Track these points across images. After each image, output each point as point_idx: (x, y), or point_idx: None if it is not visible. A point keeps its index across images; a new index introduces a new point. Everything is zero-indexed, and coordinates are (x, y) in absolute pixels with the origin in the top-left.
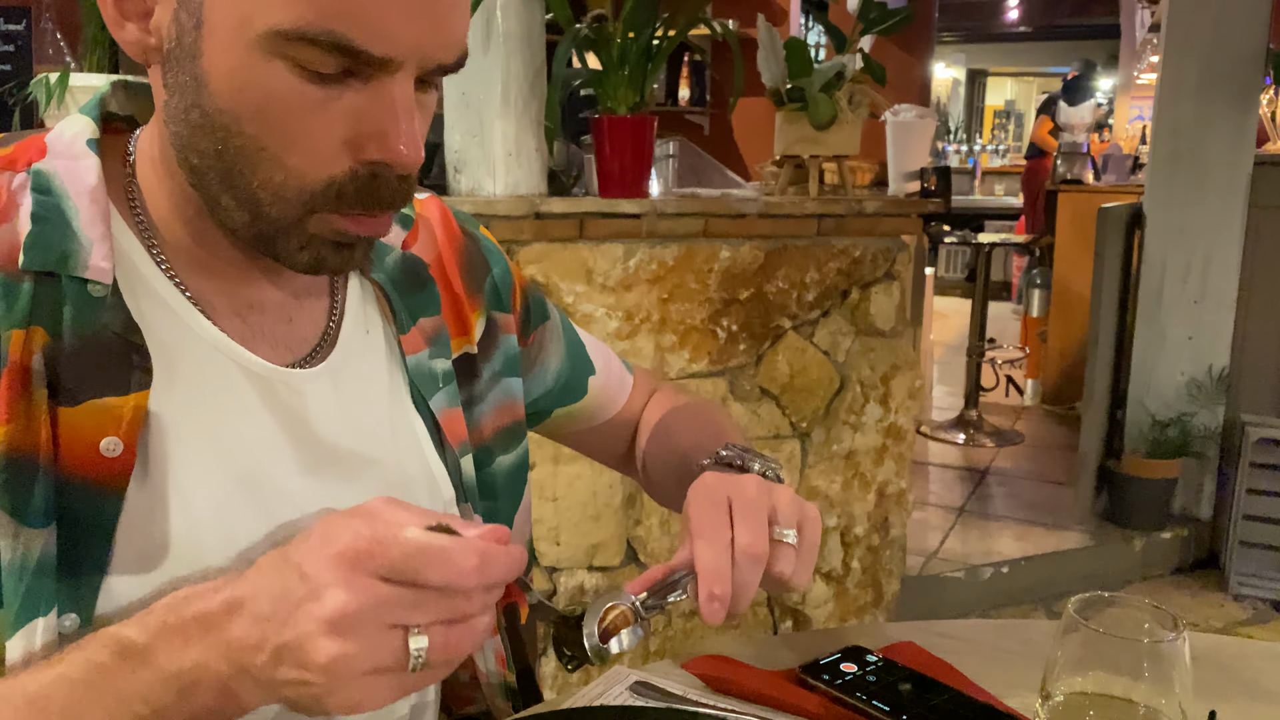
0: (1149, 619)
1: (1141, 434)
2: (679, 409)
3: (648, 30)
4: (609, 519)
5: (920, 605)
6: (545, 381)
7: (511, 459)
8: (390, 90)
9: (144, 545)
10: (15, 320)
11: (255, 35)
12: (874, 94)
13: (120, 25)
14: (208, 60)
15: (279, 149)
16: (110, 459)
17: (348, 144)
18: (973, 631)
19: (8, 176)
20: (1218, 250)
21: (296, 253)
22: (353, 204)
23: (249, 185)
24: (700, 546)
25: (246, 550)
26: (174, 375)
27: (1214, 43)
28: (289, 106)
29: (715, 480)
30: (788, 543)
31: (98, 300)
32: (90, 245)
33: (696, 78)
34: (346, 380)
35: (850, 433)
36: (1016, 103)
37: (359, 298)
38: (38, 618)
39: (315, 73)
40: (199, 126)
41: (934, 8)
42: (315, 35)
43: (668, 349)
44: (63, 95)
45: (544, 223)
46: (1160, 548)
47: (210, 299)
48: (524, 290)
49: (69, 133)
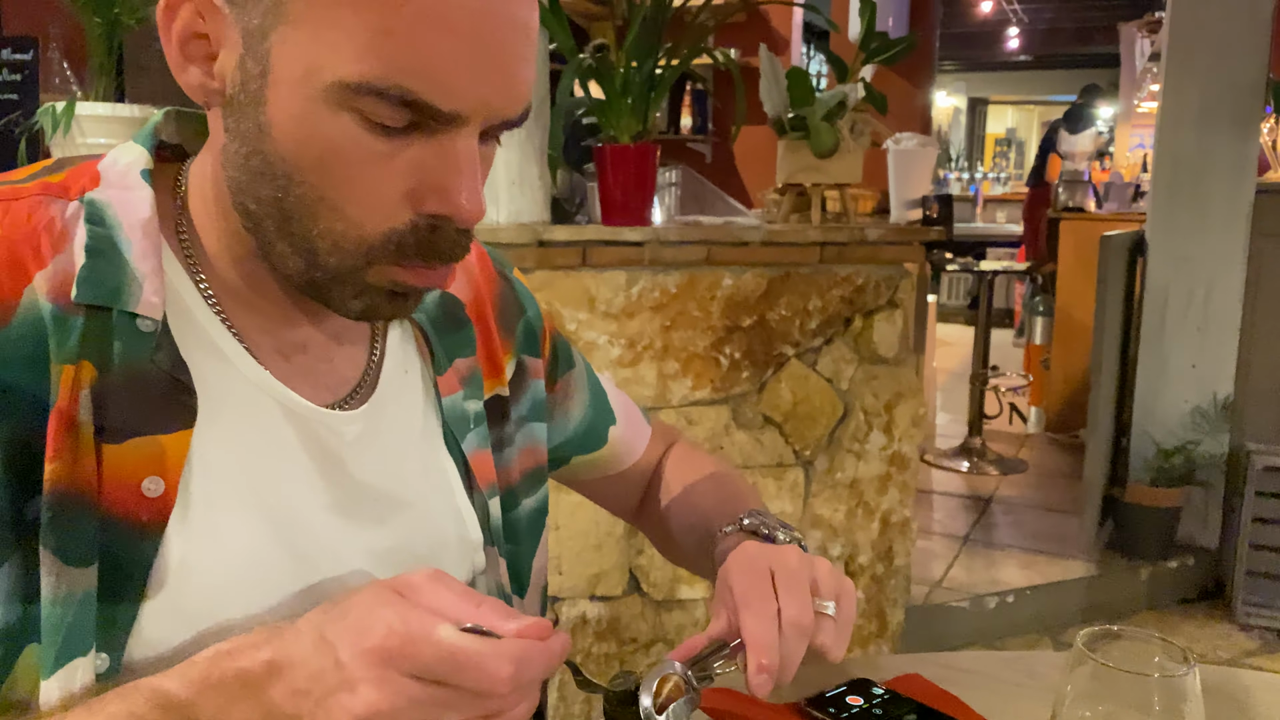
0: (1158, 652)
1: (1146, 462)
2: (698, 469)
3: (650, 60)
4: (611, 548)
5: (925, 635)
6: (567, 429)
7: (534, 502)
8: (455, 144)
9: (176, 584)
10: (67, 356)
11: (322, 86)
12: (876, 123)
13: (183, 68)
14: (272, 108)
15: (340, 199)
16: (151, 498)
17: (409, 196)
18: (979, 663)
19: (61, 205)
20: (1220, 278)
21: (350, 300)
22: (411, 256)
23: (308, 234)
24: (748, 618)
25: (276, 590)
26: (216, 413)
27: (1214, 72)
28: (352, 158)
29: (757, 550)
30: (828, 614)
31: (146, 336)
32: (142, 280)
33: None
34: (385, 422)
35: (854, 461)
36: (1017, 131)
37: (399, 337)
38: (78, 657)
39: (381, 125)
40: (259, 173)
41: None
42: (384, 89)
43: (670, 376)
44: (69, 124)
45: (547, 250)
46: (1166, 577)
47: (255, 337)
48: (552, 337)
49: (123, 161)
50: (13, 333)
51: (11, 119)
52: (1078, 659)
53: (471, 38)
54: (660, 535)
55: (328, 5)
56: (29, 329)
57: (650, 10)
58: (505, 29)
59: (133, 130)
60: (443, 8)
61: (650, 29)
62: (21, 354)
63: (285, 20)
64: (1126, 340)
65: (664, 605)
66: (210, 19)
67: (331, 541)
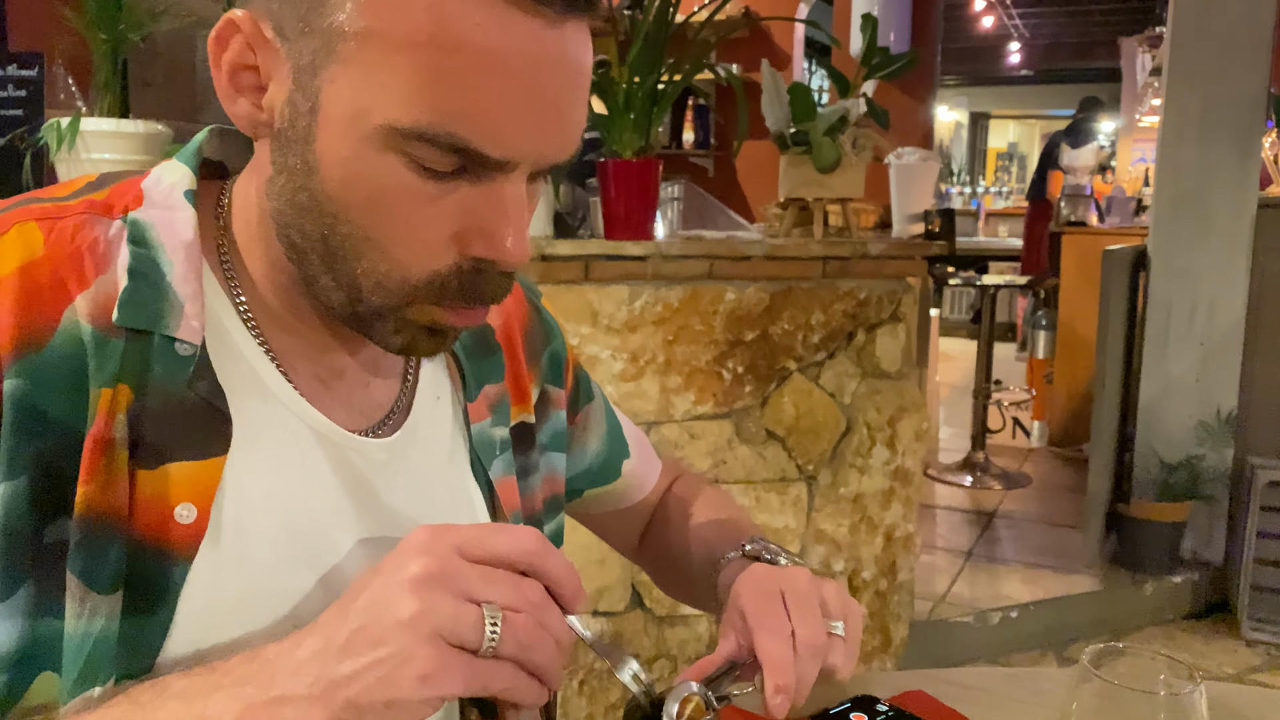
0: (1164, 670)
1: (1150, 477)
2: (700, 500)
3: (653, 75)
4: (614, 563)
5: (929, 651)
6: (584, 461)
7: (552, 528)
8: (503, 189)
9: (204, 610)
10: (105, 379)
11: (372, 128)
12: (878, 137)
13: (233, 99)
14: (321, 146)
15: (386, 240)
16: (184, 525)
17: (455, 238)
18: (983, 680)
19: (105, 224)
20: (1223, 293)
21: (391, 336)
22: (454, 297)
23: (351, 271)
24: (763, 639)
25: (304, 618)
26: (250, 438)
27: (1215, 86)
28: (400, 200)
29: (765, 572)
30: (838, 635)
31: (185, 360)
32: (182, 304)
33: (701, 121)
34: (415, 448)
35: (857, 475)
36: (1019, 145)
37: (432, 364)
38: (95, 687)
39: (429, 169)
40: (306, 209)
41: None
42: (434, 135)
43: (673, 391)
44: (73, 140)
45: (550, 265)
46: (1171, 592)
47: (292, 361)
48: (575, 369)
49: (166, 181)
50: (51, 354)
51: (17, 134)
52: (1083, 676)
53: (526, 85)
54: (661, 566)
55: (381, 48)
56: (68, 351)
57: (652, 27)
58: (561, 76)
59: (137, 145)
60: (498, 55)
61: (652, 45)
62: (59, 376)
63: (337, 59)
64: (1129, 354)
65: (666, 621)
66: (261, 52)
67: (357, 566)
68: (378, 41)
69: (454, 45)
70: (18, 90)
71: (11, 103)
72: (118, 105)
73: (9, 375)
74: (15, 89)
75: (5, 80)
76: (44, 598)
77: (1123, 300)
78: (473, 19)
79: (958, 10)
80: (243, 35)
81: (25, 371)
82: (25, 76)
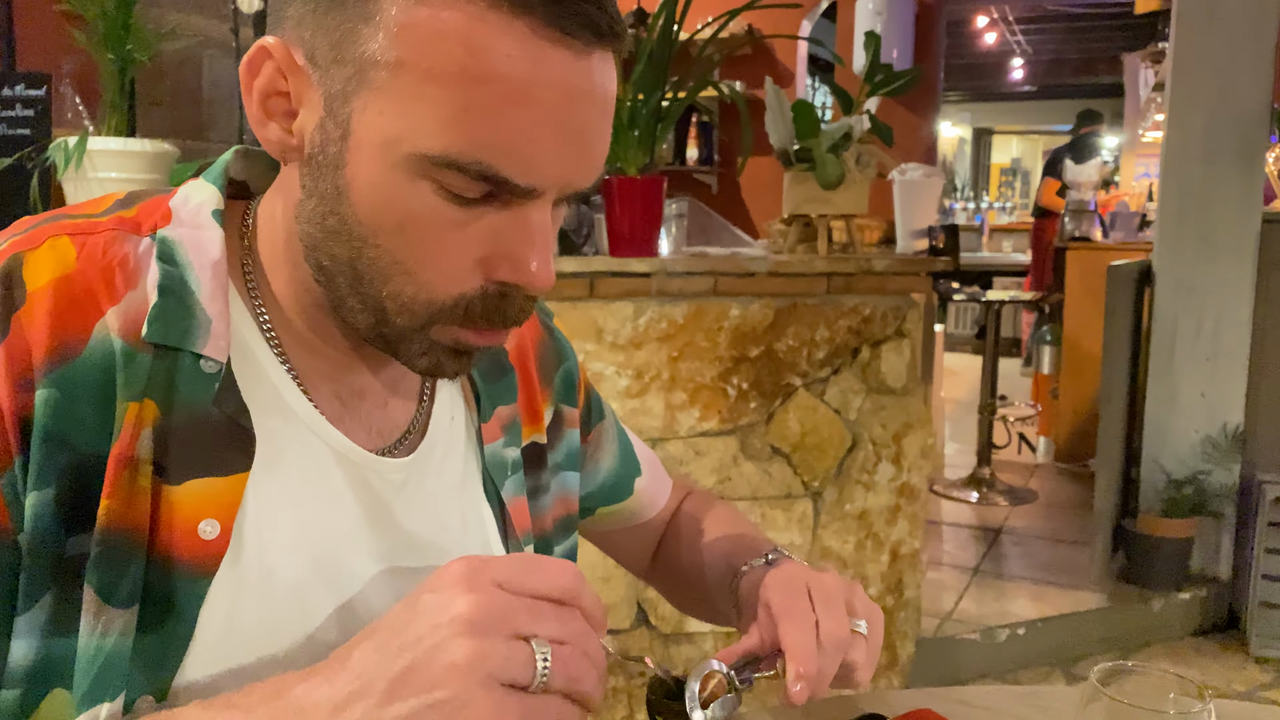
0: (1173, 688)
1: (1157, 492)
2: (714, 514)
3: (657, 93)
4: (619, 580)
5: (935, 668)
6: (596, 479)
7: (564, 549)
8: (529, 215)
9: (223, 628)
10: (132, 393)
11: (402, 155)
12: (881, 154)
13: (263, 124)
14: (351, 171)
15: (414, 264)
16: (207, 541)
17: (481, 263)
18: (990, 698)
19: (135, 241)
20: (1228, 307)
21: (417, 358)
22: (478, 320)
23: (378, 294)
24: (787, 627)
25: (320, 638)
26: (270, 456)
27: (1218, 101)
28: (428, 225)
29: (794, 569)
30: (861, 633)
31: (210, 377)
32: (209, 322)
33: (704, 138)
34: (430, 469)
35: (863, 492)
36: (1022, 160)
37: (447, 385)
38: (104, 703)
39: (458, 195)
40: (335, 233)
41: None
42: (464, 164)
43: (678, 407)
44: (80, 159)
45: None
46: (1179, 609)
47: (314, 380)
48: (586, 388)
49: (194, 200)
50: (83, 366)
51: (25, 154)
52: (1091, 695)
53: (555, 116)
54: (674, 582)
55: (413, 78)
56: (99, 363)
57: (656, 45)
58: (589, 106)
59: (144, 164)
60: (528, 85)
61: (656, 63)
62: (90, 388)
63: (368, 87)
64: (1135, 370)
65: (672, 638)
66: (292, 78)
67: (376, 590)
68: (409, 71)
69: (485, 76)
70: (25, 110)
71: (19, 122)
72: (125, 124)
73: (42, 385)
74: (23, 109)
75: (13, 100)
76: (61, 611)
77: (1128, 315)
78: (503, 50)
79: (960, 27)
80: (275, 62)
81: (58, 382)
82: (33, 96)
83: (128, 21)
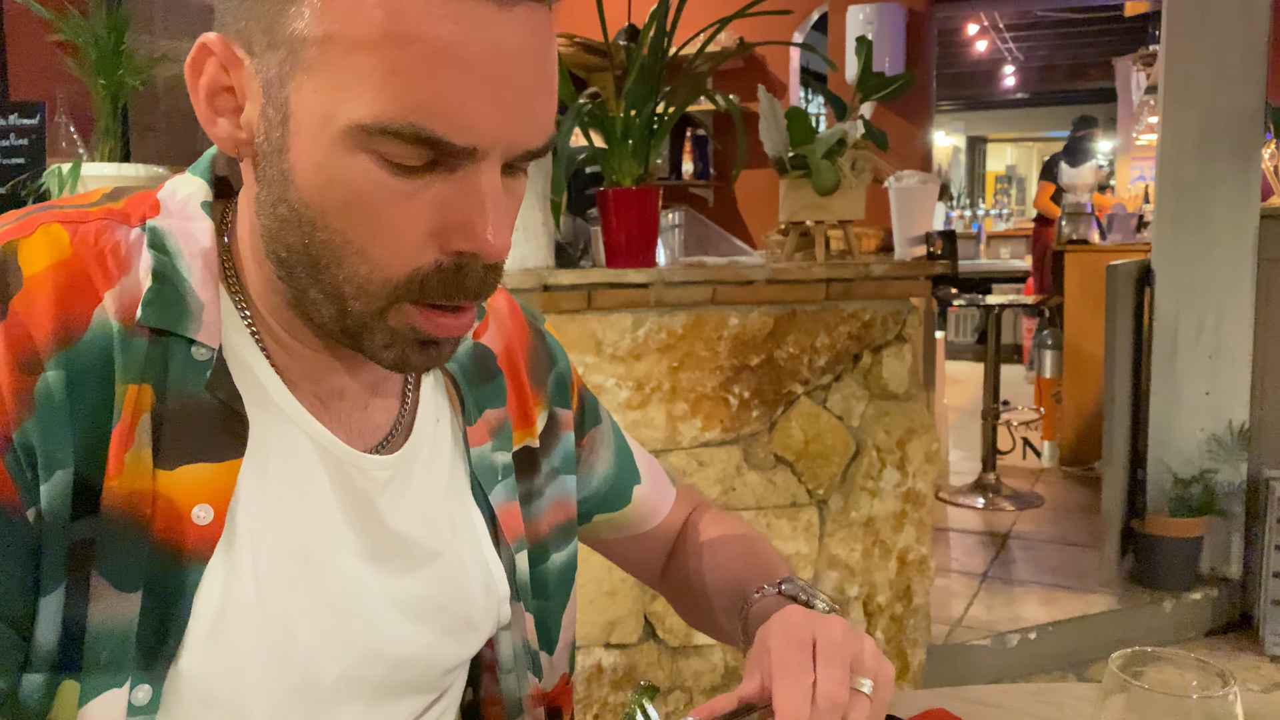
0: (1195, 675)
1: (1164, 492)
2: (727, 532)
3: (649, 104)
4: (625, 594)
5: (947, 675)
6: (592, 484)
7: (563, 556)
8: (477, 180)
9: (214, 616)
10: (131, 376)
11: (338, 130)
12: (877, 159)
13: (212, 121)
14: (294, 155)
15: (365, 242)
16: (201, 526)
17: (434, 235)
18: (1006, 697)
19: (124, 230)
20: (1229, 305)
21: (382, 350)
22: (436, 295)
23: (335, 279)
24: (781, 686)
25: (301, 631)
26: (258, 447)
27: (1212, 101)
28: (374, 200)
29: (801, 617)
30: (864, 693)
31: (202, 363)
32: (201, 308)
33: (699, 151)
34: (416, 470)
35: (868, 499)
36: (1017, 167)
37: (431, 387)
38: (113, 688)
39: (400, 165)
40: (286, 220)
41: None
42: (398, 129)
43: (679, 418)
44: (74, 185)
45: (552, 295)
46: (1190, 609)
47: (294, 380)
48: (580, 390)
49: (183, 192)
50: (86, 348)
51: (19, 182)
52: (1112, 684)
53: (484, 73)
54: (684, 598)
55: (340, 50)
56: (100, 345)
57: (648, 58)
58: (520, 61)
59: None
60: (452, 43)
61: (648, 76)
62: (93, 370)
63: (302, 68)
64: (1138, 370)
65: (680, 652)
66: (234, 72)
67: (359, 587)
68: (336, 44)
69: (408, 38)
70: (19, 139)
71: (14, 151)
72: (119, 150)
73: (50, 366)
74: (17, 137)
75: (7, 130)
76: (72, 599)
77: (1129, 316)
78: (424, 10)
79: (951, 35)
80: (216, 58)
81: (65, 363)
82: (27, 125)
83: (119, 48)
